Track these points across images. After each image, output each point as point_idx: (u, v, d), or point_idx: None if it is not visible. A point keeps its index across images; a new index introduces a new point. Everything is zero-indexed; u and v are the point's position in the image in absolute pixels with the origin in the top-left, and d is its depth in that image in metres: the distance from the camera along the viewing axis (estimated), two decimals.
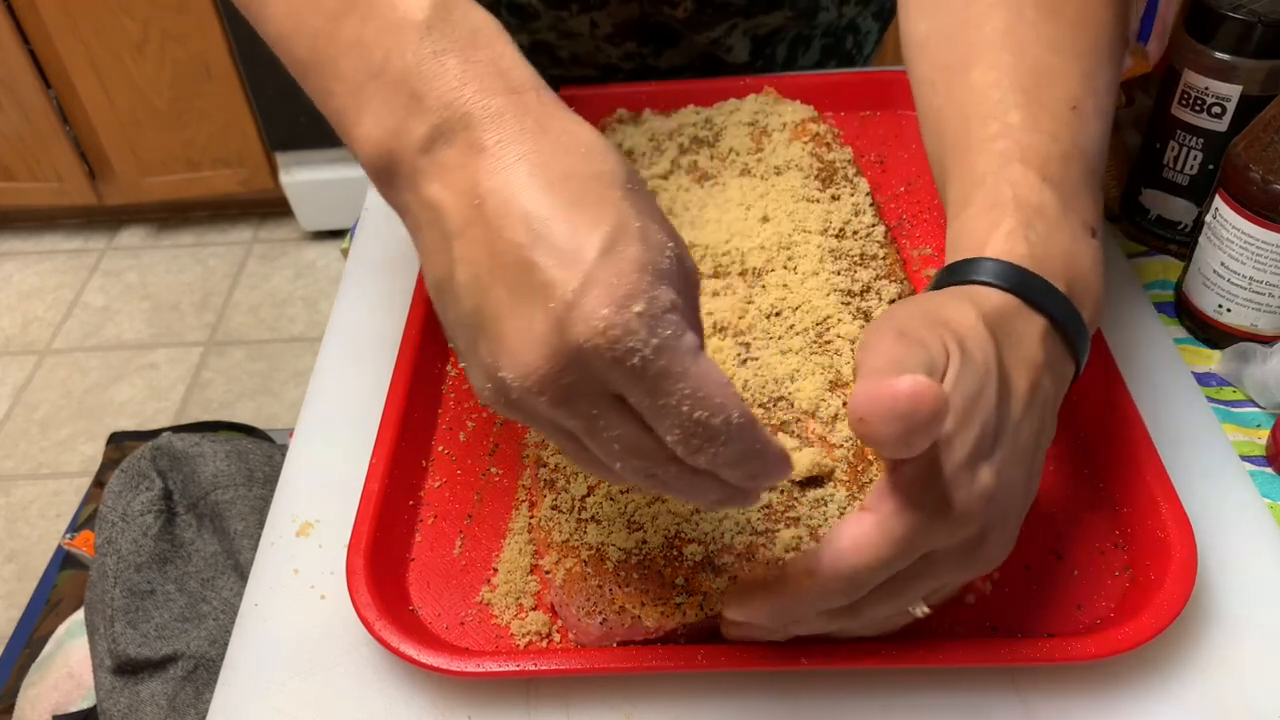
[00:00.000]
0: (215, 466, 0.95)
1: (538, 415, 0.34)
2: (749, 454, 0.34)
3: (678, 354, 0.31)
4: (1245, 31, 0.55)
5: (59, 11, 1.85)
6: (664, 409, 0.32)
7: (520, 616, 0.48)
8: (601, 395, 0.33)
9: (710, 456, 0.33)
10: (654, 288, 0.31)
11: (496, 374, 0.33)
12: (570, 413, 0.33)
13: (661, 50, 0.81)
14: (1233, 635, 0.46)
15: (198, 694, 0.84)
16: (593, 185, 0.33)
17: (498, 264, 0.32)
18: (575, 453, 0.36)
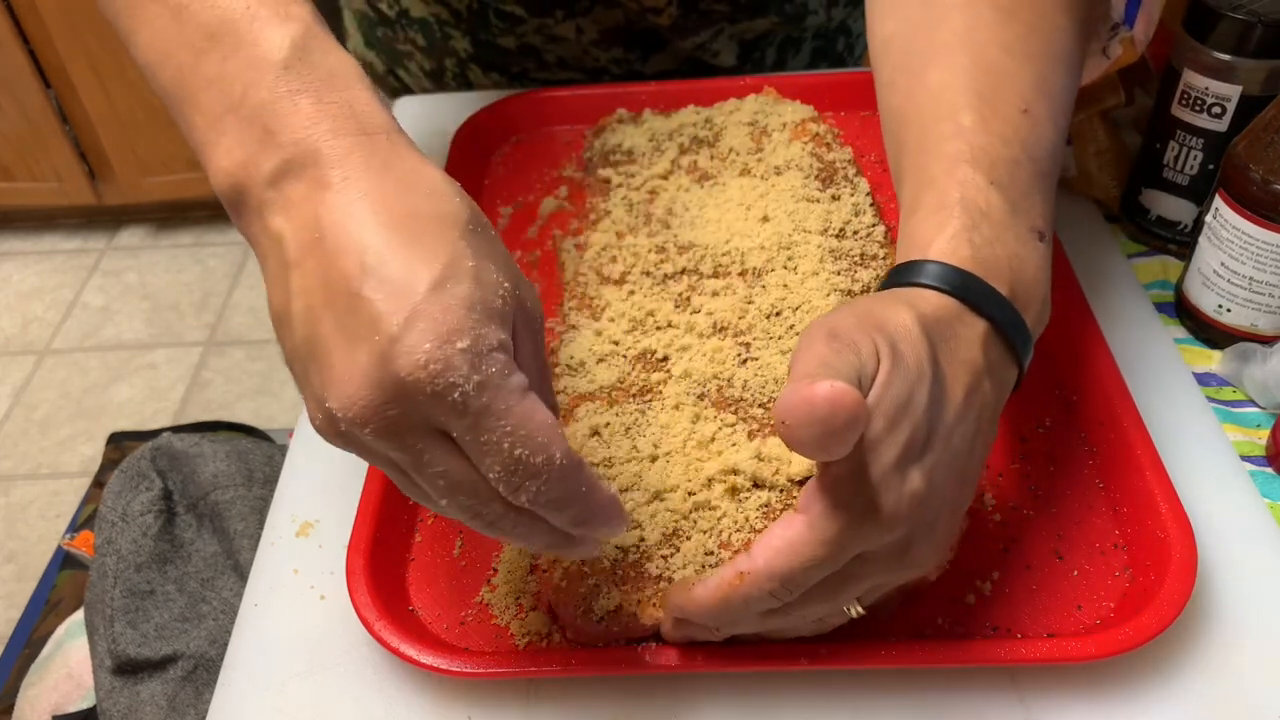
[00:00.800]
0: (215, 467, 0.95)
1: (365, 447, 0.35)
2: (572, 496, 0.34)
3: (501, 392, 0.32)
4: (1245, 31, 0.55)
5: (59, 12, 1.85)
6: (486, 445, 0.32)
7: (520, 616, 0.48)
8: (426, 430, 0.33)
9: (532, 495, 0.34)
10: (481, 326, 0.32)
11: (324, 404, 0.34)
12: (396, 445, 0.33)
13: (648, 56, 0.81)
14: (1232, 635, 0.46)
15: (197, 694, 0.84)
16: (431, 224, 0.34)
17: (330, 295, 0.33)
18: (405, 485, 0.37)
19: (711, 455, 0.49)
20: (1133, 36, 0.57)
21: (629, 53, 0.81)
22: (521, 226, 0.70)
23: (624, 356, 0.56)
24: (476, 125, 0.74)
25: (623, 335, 0.57)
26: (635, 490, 0.48)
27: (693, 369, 0.54)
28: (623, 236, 0.63)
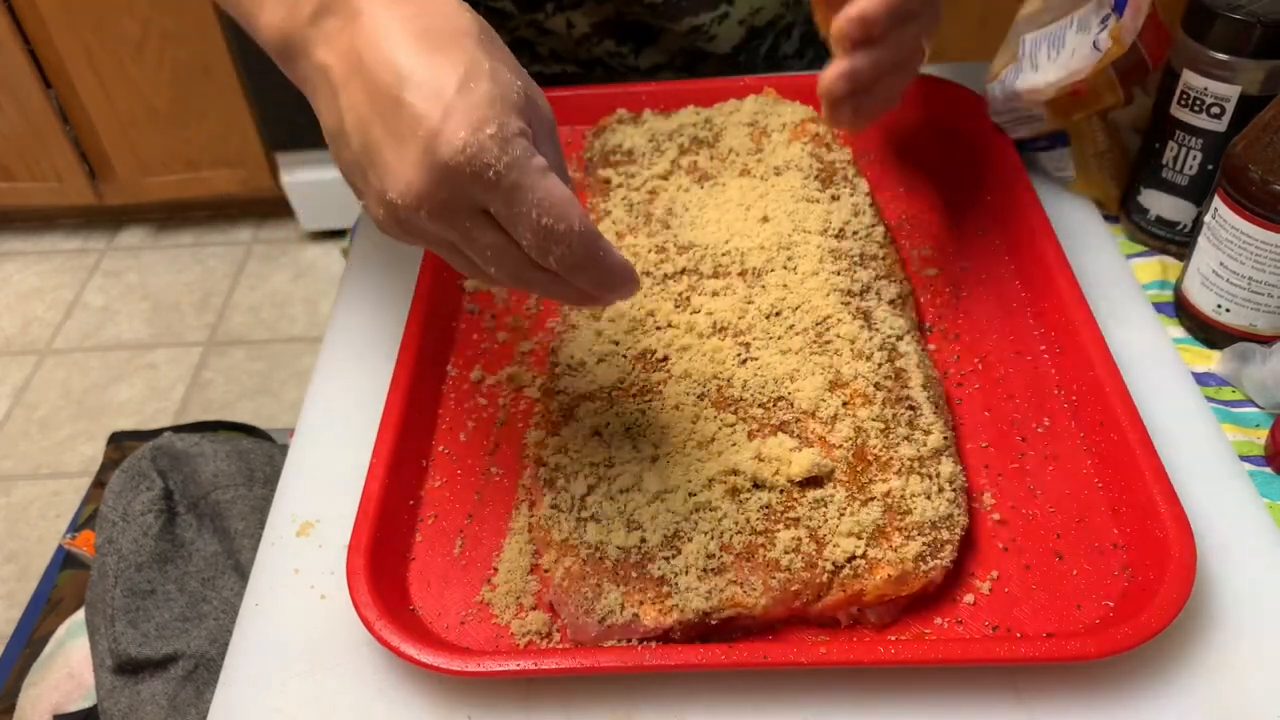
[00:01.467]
0: (216, 466, 0.95)
1: (423, 231, 0.41)
2: (591, 259, 0.40)
3: (527, 169, 0.38)
4: (1244, 32, 0.55)
5: (59, 11, 1.85)
6: (518, 216, 0.39)
7: (520, 616, 0.48)
8: (471, 209, 0.39)
9: (558, 258, 0.40)
10: (503, 116, 0.38)
11: (386, 197, 0.40)
12: (447, 224, 0.40)
13: (640, 48, 0.81)
14: (1232, 635, 0.46)
15: (198, 693, 0.84)
16: (449, 37, 0.39)
17: (375, 105, 0.39)
18: (460, 262, 0.44)
19: (711, 455, 0.50)
20: (1121, 26, 0.57)
21: (621, 45, 0.81)
22: None
23: (624, 356, 0.56)
24: None
25: (623, 335, 0.57)
26: (635, 490, 0.48)
27: (693, 369, 0.54)
28: (623, 236, 0.63)
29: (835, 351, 0.54)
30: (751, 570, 0.46)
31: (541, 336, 0.62)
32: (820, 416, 0.51)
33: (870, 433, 0.50)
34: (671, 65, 0.83)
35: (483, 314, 0.64)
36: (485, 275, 0.43)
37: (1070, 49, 0.61)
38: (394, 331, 0.62)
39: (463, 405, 0.58)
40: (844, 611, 0.47)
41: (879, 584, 0.45)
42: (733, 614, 0.45)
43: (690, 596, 0.45)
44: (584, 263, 0.40)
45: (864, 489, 0.48)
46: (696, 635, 0.46)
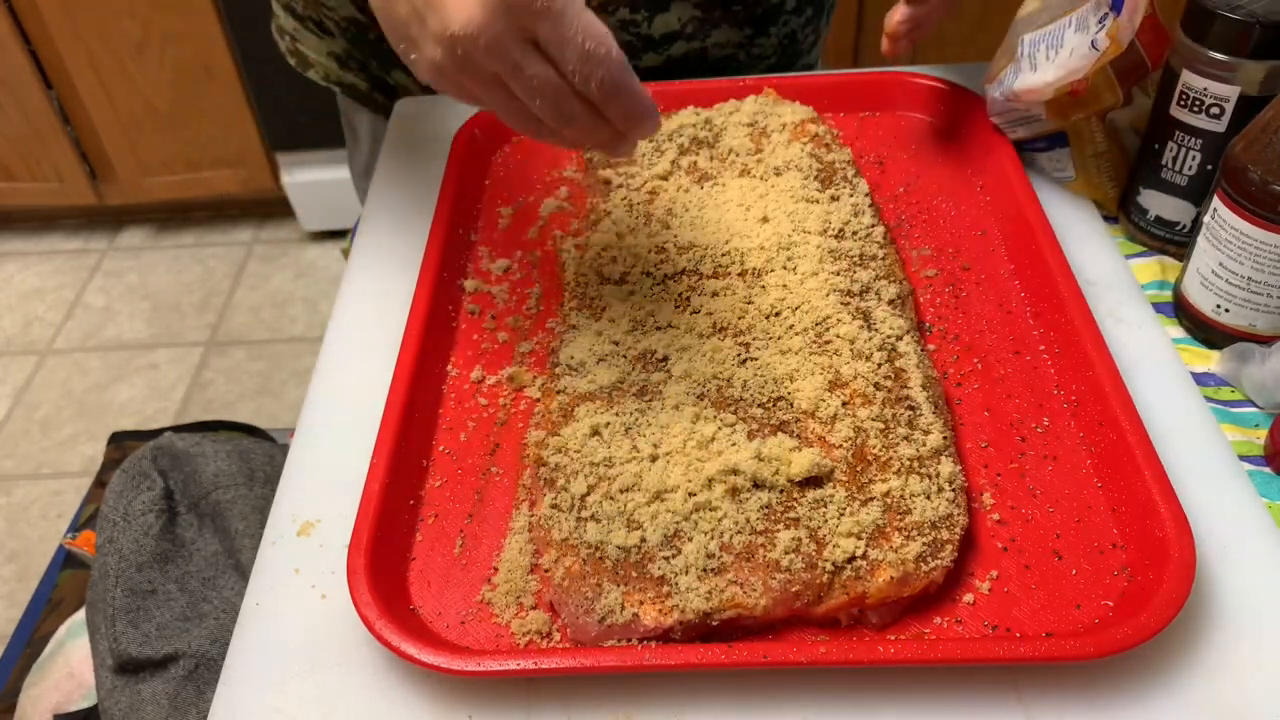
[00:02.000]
0: (216, 466, 0.95)
1: (478, 67, 0.46)
2: (625, 84, 0.46)
3: (573, 1, 0.45)
4: (1243, 32, 0.55)
5: (60, 12, 1.85)
6: (565, 40, 0.45)
7: (521, 615, 0.48)
8: (522, 40, 0.45)
9: (599, 81, 0.46)
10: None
11: (448, 33, 0.45)
12: (501, 55, 0.45)
13: (653, 16, 0.81)
14: (1231, 635, 0.46)
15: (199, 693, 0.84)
16: None
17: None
18: (506, 104, 0.48)
19: (711, 455, 0.50)
20: (1119, 25, 0.57)
21: (635, 12, 0.79)
22: (522, 227, 0.70)
23: (624, 356, 0.56)
24: (477, 126, 0.74)
25: (623, 335, 0.57)
26: (635, 490, 0.49)
27: (693, 369, 0.54)
28: (623, 237, 0.63)
29: (835, 352, 0.54)
30: (752, 571, 0.46)
31: (541, 336, 0.62)
32: (820, 416, 0.51)
33: (870, 433, 0.51)
34: (683, 33, 0.82)
35: (483, 314, 0.64)
36: (527, 117, 0.49)
37: (1069, 48, 0.61)
38: (394, 331, 0.62)
39: (463, 405, 0.58)
40: (845, 613, 0.47)
41: (881, 586, 0.45)
42: (733, 615, 0.45)
43: (690, 597, 0.45)
44: (620, 86, 0.46)
45: (864, 489, 0.49)
46: (697, 636, 0.46)
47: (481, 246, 0.69)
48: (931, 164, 0.73)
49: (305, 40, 0.89)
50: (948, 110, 0.75)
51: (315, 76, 0.91)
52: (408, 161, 0.77)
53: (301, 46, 0.90)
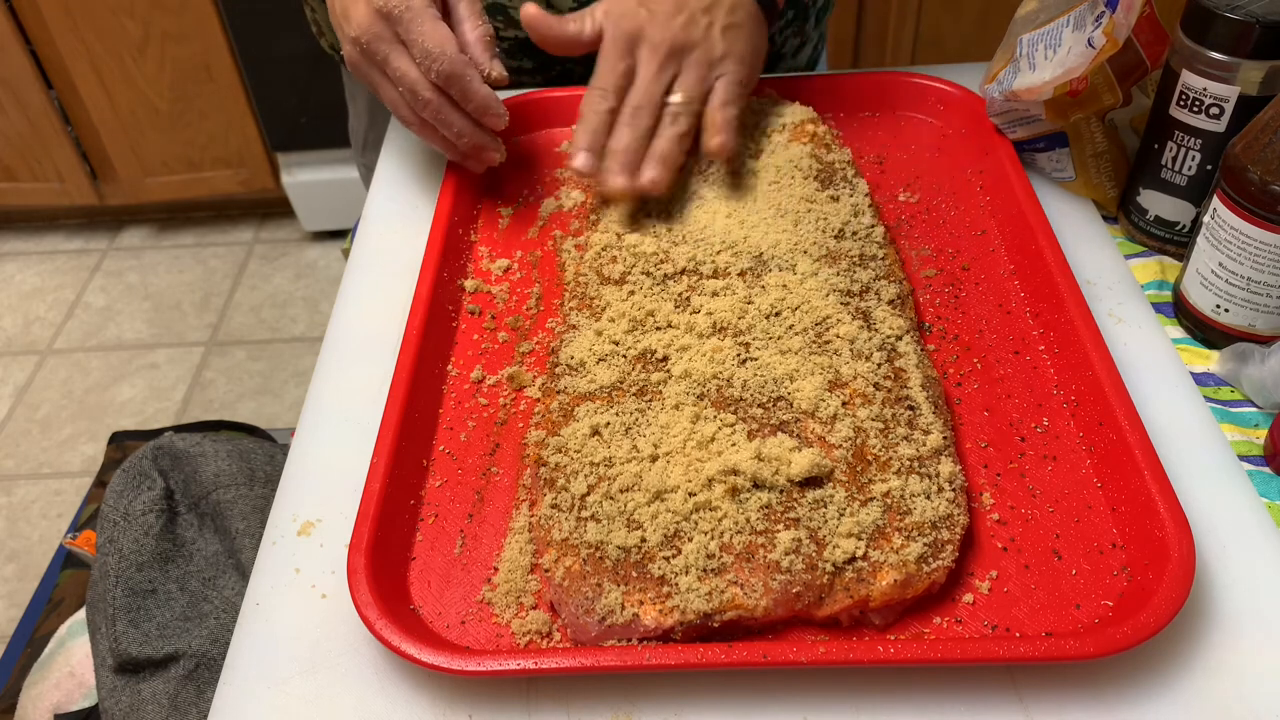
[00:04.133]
0: (216, 466, 0.95)
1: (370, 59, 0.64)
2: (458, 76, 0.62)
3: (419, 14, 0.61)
4: (1243, 32, 0.55)
5: (60, 12, 1.85)
6: (413, 41, 0.61)
7: (521, 615, 0.48)
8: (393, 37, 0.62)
9: (437, 72, 0.61)
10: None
11: (350, 35, 0.63)
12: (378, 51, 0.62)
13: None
14: (1230, 635, 0.46)
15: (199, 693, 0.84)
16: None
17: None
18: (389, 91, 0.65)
19: (711, 455, 0.50)
20: (1115, 22, 0.57)
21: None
22: (522, 227, 0.70)
23: (624, 356, 0.56)
24: None
25: (623, 335, 0.57)
26: (635, 490, 0.49)
27: (692, 369, 0.54)
28: (622, 237, 0.63)
29: (835, 351, 0.55)
30: (752, 572, 0.46)
31: (541, 336, 0.62)
32: (820, 416, 0.51)
33: (870, 432, 0.51)
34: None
35: (483, 314, 0.64)
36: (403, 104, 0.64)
37: (1066, 47, 0.61)
38: (394, 331, 0.62)
39: (463, 405, 0.58)
40: (847, 614, 0.47)
41: (885, 589, 0.45)
42: (734, 617, 0.45)
43: (691, 597, 0.45)
44: (454, 77, 0.62)
45: (864, 489, 0.49)
46: (697, 636, 0.46)
47: (481, 246, 0.69)
48: (931, 164, 0.73)
49: (320, 10, 0.92)
50: (948, 110, 0.75)
51: (325, 45, 0.95)
52: (408, 162, 0.77)
53: (317, 16, 0.93)
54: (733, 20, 0.66)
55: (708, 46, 0.65)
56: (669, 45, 0.64)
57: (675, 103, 0.64)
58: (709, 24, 0.65)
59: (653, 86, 0.64)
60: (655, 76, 0.64)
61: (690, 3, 0.65)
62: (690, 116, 0.65)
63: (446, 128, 0.65)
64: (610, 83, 0.64)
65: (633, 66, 0.65)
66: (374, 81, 0.65)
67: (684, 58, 0.65)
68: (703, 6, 0.65)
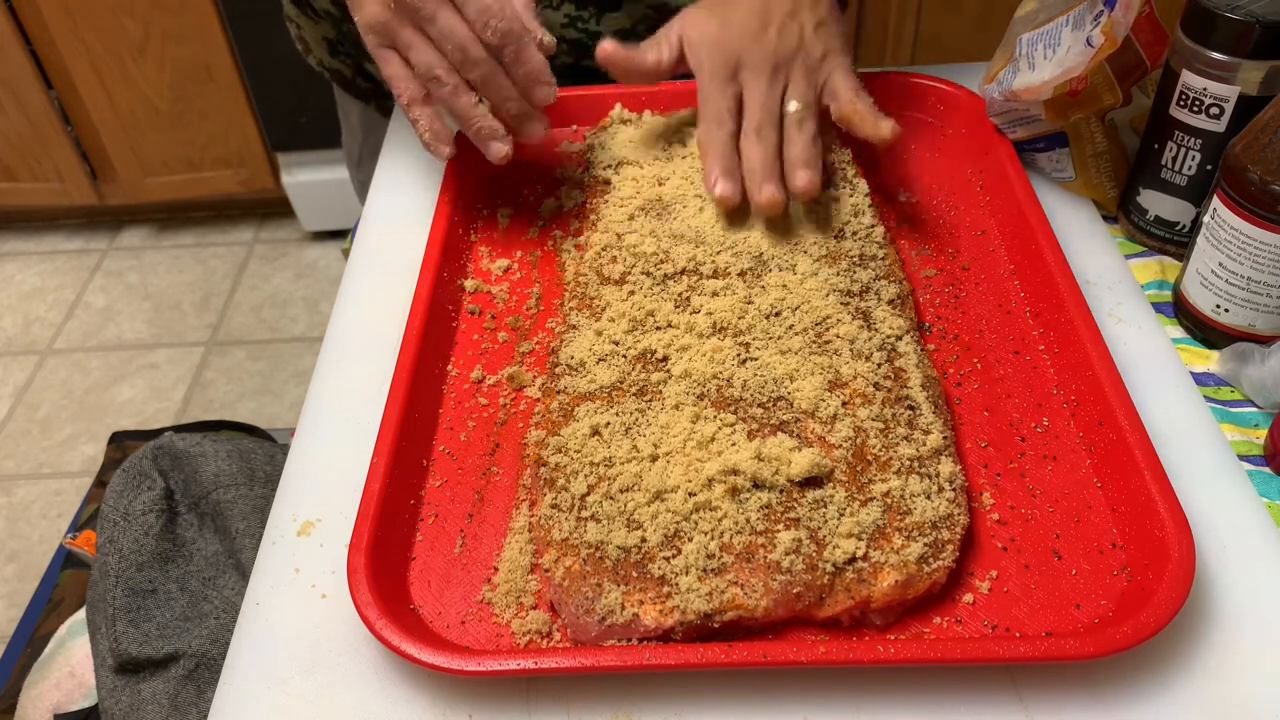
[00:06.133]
0: (216, 466, 0.95)
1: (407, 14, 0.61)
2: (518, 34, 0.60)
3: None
4: (1243, 32, 0.55)
5: (60, 13, 1.85)
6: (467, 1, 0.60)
7: (521, 615, 0.48)
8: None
9: (493, 30, 0.59)
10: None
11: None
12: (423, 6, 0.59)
13: (602, 14, 0.81)
14: (1230, 634, 0.46)
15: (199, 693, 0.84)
16: None
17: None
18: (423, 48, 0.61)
19: (711, 455, 0.50)
20: (1113, 21, 0.57)
21: (581, 9, 0.80)
22: (522, 227, 0.70)
23: (624, 356, 0.56)
24: None
25: (623, 335, 0.57)
26: (635, 490, 0.49)
27: (693, 369, 0.54)
28: (623, 237, 0.63)
29: (835, 351, 0.55)
30: (752, 572, 0.46)
31: (541, 336, 0.62)
32: (820, 416, 0.51)
33: (870, 432, 0.51)
34: (634, 31, 0.82)
35: (483, 314, 0.64)
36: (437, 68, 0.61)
37: (1065, 46, 0.61)
38: (394, 331, 0.62)
39: (463, 405, 0.58)
40: (847, 614, 0.47)
41: (886, 590, 0.45)
42: (734, 617, 0.45)
43: (691, 598, 0.45)
44: (511, 35, 0.60)
45: (864, 489, 0.49)
46: (697, 636, 0.46)
47: (481, 246, 0.69)
48: (931, 164, 0.73)
49: (305, 26, 0.91)
50: (948, 110, 0.75)
51: (313, 62, 0.94)
52: (408, 161, 0.77)
53: (303, 32, 0.92)
54: (819, 17, 0.65)
55: (807, 51, 0.64)
56: (772, 61, 0.63)
57: (795, 109, 0.63)
58: (799, 28, 0.64)
59: (769, 102, 0.63)
60: (768, 92, 0.63)
61: (773, 13, 0.64)
62: (814, 119, 0.64)
63: (495, 91, 0.63)
64: (725, 108, 0.64)
65: (739, 92, 0.64)
66: (405, 42, 0.62)
67: (790, 68, 0.64)
68: (786, 12, 0.64)
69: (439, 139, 0.66)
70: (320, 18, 0.89)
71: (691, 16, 0.66)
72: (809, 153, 0.63)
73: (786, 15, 0.64)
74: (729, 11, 0.65)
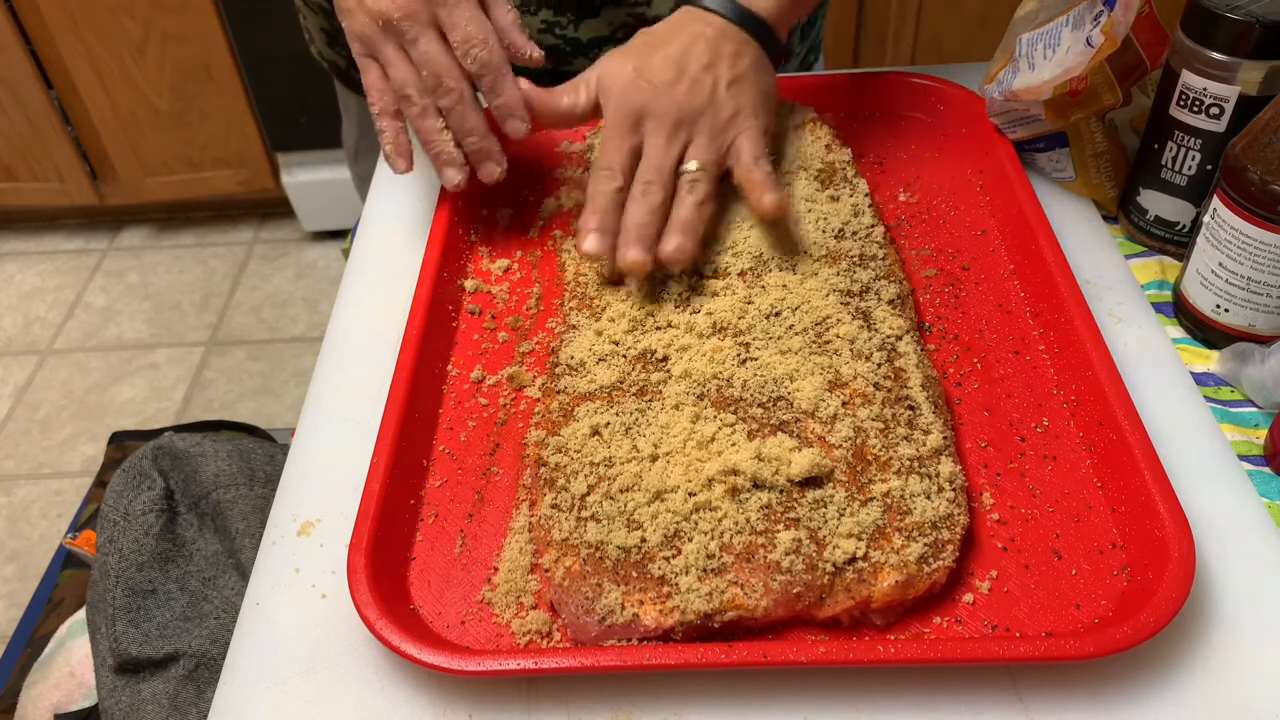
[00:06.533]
0: (216, 466, 0.95)
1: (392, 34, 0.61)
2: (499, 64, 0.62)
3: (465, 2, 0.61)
4: (1243, 32, 0.55)
5: (60, 13, 1.85)
6: (454, 25, 0.61)
7: (521, 615, 0.48)
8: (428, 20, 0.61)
9: (475, 58, 0.61)
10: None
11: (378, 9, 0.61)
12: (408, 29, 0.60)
13: (580, 20, 0.81)
14: (1230, 635, 0.46)
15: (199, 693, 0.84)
16: None
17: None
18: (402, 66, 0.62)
19: (711, 455, 0.50)
20: (1113, 21, 0.57)
21: (559, 15, 0.80)
22: (522, 227, 0.70)
23: (624, 356, 0.56)
24: None
25: (623, 335, 0.57)
26: (635, 490, 0.49)
27: (693, 369, 0.54)
28: None
29: (835, 351, 0.55)
30: (752, 572, 0.46)
31: (541, 336, 0.62)
32: (820, 416, 0.51)
33: (870, 432, 0.51)
34: (613, 38, 0.82)
35: (483, 314, 0.64)
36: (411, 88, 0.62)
37: (1065, 46, 0.61)
38: (394, 331, 0.62)
39: (463, 405, 0.58)
40: (847, 614, 0.47)
41: (886, 590, 0.45)
42: (734, 617, 0.45)
43: (691, 598, 0.45)
44: (492, 65, 0.61)
45: (864, 489, 0.49)
46: (697, 636, 0.46)
47: (481, 246, 0.69)
48: (931, 164, 0.73)
49: (308, 16, 0.92)
50: (948, 110, 0.75)
51: (315, 53, 0.95)
52: None
53: (307, 22, 0.93)
54: (736, 73, 0.62)
55: (715, 108, 0.61)
56: (676, 115, 0.60)
57: (690, 170, 0.60)
58: (713, 83, 0.61)
59: (663, 159, 0.60)
60: (665, 148, 0.60)
61: (689, 65, 0.61)
62: (709, 182, 0.61)
63: (459, 123, 0.63)
64: (617, 161, 0.61)
65: (639, 144, 0.61)
66: (386, 58, 0.63)
67: (693, 124, 0.61)
68: (702, 65, 0.61)
69: (399, 152, 0.65)
70: (316, 10, 0.89)
71: (611, 59, 0.63)
72: (690, 218, 0.59)
73: (702, 68, 0.61)
74: (648, 57, 0.62)
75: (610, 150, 0.61)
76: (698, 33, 0.62)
